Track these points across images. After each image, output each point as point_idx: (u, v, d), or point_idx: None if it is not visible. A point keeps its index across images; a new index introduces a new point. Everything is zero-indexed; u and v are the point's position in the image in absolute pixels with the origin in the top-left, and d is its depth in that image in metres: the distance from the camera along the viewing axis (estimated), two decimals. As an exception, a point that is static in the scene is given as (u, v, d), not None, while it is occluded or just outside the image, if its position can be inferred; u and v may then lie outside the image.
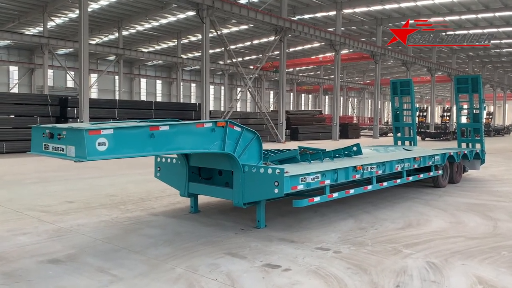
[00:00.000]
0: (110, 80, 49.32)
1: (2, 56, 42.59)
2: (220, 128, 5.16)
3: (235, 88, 60.39)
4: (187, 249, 4.71)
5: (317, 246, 4.88)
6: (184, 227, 5.68)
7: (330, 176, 5.91)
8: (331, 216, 6.44)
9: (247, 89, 26.65)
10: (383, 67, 53.86)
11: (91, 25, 36.44)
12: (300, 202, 5.46)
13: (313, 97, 75.40)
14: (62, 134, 4.21)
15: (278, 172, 5.08)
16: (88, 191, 8.40)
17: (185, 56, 46.55)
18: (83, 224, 5.74)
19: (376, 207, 7.13)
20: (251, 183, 5.34)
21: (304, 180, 5.47)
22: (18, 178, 9.90)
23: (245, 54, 49.50)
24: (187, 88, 57.43)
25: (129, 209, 6.78)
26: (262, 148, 5.77)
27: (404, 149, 10.43)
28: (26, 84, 44.28)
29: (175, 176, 6.29)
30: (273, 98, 65.44)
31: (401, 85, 11.91)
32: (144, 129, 4.45)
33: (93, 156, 4.04)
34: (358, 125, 42.23)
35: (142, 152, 4.44)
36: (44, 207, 6.81)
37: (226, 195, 5.71)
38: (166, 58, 41.30)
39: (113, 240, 5.01)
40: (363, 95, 72.17)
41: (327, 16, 35.62)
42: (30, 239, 5.05)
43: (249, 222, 5.89)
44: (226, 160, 5.51)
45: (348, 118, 55.32)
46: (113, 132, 4.20)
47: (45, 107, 18.08)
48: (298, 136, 30.24)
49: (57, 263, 4.21)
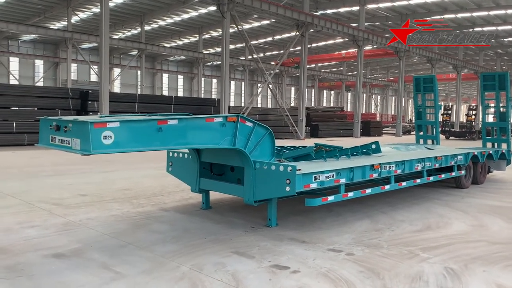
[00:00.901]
0: (133, 75, 49.77)
1: (28, 50, 43.40)
2: (231, 123, 5.01)
3: (256, 84, 60.17)
4: (195, 247, 4.58)
5: (329, 247, 4.69)
6: (193, 223, 5.56)
7: (345, 175, 5.70)
8: (346, 216, 6.22)
9: (267, 84, 26.44)
10: (408, 64, 52.85)
11: (114, 19, 36.88)
12: (313, 201, 5.27)
13: (335, 93, 74.61)
14: (68, 126, 4.13)
15: (290, 169, 4.90)
16: (102, 184, 8.38)
17: (206, 51, 46.59)
18: (93, 218, 5.69)
19: (393, 208, 6.88)
20: (262, 180, 5.17)
21: (318, 178, 5.28)
22: (36, 170, 9.98)
23: (266, 49, 49.24)
24: (208, 83, 57.54)
25: (141, 203, 6.71)
26: (274, 144, 5.60)
27: (426, 147, 10.09)
28: (51, 77, 45.06)
29: (186, 172, 6.17)
30: (294, 95, 64.99)
31: (424, 82, 11.52)
32: (152, 122, 4.33)
33: (98, 149, 3.94)
34: (381, 123, 41.48)
35: (150, 147, 4.32)
36: (57, 199, 6.80)
37: (237, 192, 5.56)
38: (188, 53, 41.39)
39: (120, 235, 4.93)
40: (386, 92, 70.96)
41: (350, 11, 35.05)
42: (37, 232, 5.02)
43: (260, 220, 5.73)
44: (237, 156, 5.36)
45: (371, 115, 54.51)
46: (119, 125, 4.09)
47: (66, 100, 18.29)
48: (318, 133, 29.89)
49: (61, 258, 4.14)
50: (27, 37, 41.58)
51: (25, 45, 43.41)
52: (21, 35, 40.47)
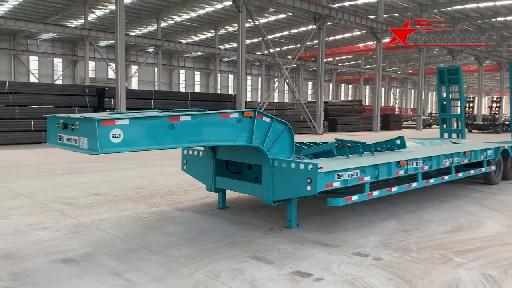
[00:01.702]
0: (150, 72, 49.92)
1: (47, 49, 43.85)
2: (248, 119, 4.72)
3: (273, 78, 59.72)
4: (210, 251, 4.31)
5: (354, 251, 4.36)
6: (209, 224, 5.30)
7: (370, 172, 5.35)
8: (370, 215, 5.88)
9: (283, 79, 26.05)
10: (428, 56, 51.67)
11: (130, 16, 36.93)
12: (336, 201, 4.95)
13: (353, 87, 73.64)
14: (75, 124, 3.90)
15: (311, 167, 4.58)
16: (117, 183, 8.20)
17: (223, 47, 46.35)
18: (105, 219, 5.47)
19: (421, 206, 6.49)
20: (281, 179, 4.87)
21: (341, 177, 4.95)
22: (51, 169, 9.87)
23: (282, 44, 48.75)
24: (224, 79, 57.37)
25: (156, 203, 6.48)
26: (294, 141, 5.29)
27: (451, 142, 9.63)
28: (70, 75, 45.50)
29: (201, 170, 5.91)
30: (311, 89, 64.34)
31: (449, 73, 11.02)
32: (163, 119, 4.07)
33: (106, 148, 3.70)
34: (400, 116, 40.66)
35: (161, 145, 4.06)
36: (70, 199, 6.62)
37: (254, 191, 5.26)
38: (204, 49, 41.17)
39: (133, 238, 4.69)
40: (405, 85, 69.64)
41: (368, 3, 34.34)
42: (48, 234, 4.82)
43: (280, 220, 5.44)
44: (254, 154, 5.06)
45: (390, 109, 53.59)
46: (129, 123, 3.84)
47: (83, 98, 18.27)
48: (337, 128, 29.42)
49: (69, 263, 3.92)
50: (46, 36, 41.98)
51: (44, 43, 43.87)
52: (40, 34, 40.90)
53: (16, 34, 39.56)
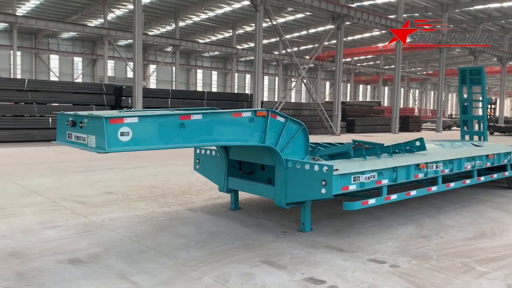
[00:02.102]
0: (168, 71, 50.18)
1: (67, 48, 44.48)
2: (260, 118, 4.57)
3: (290, 78, 59.46)
4: (220, 254, 4.18)
5: (370, 258, 4.18)
6: (221, 226, 5.17)
7: (388, 175, 5.15)
8: (388, 219, 5.67)
9: (300, 79, 25.83)
10: (448, 56, 50.72)
11: (149, 16, 37.20)
12: (352, 205, 4.76)
13: (371, 88, 72.87)
14: (84, 122, 3.81)
15: (326, 169, 4.41)
16: (130, 181, 8.15)
17: (240, 46, 46.32)
18: (116, 219, 5.40)
19: (440, 211, 6.26)
20: (295, 181, 4.71)
21: (357, 180, 4.76)
22: (65, 166, 9.89)
23: (300, 43, 48.47)
24: (241, 79, 57.37)
25: (168, 202, 6.39)
26: (308, 141, 5.12)
27: (473, 144, 9.30)
28: (89, 74, 46.06)
29: (214, 170, 5.79)
30: (329, 89, 63.86)
31: (471, 74, 10.67)
32: (174, 117, 3.95)
33: (114, 147, 3.60)
34: (420, 118, 39.98)
35: (171, 144, 3.95)
36: (82, 197, 6.58)
37: (267, 193, 5.12)
38: (221, 48, 41.21)
39: (142, 239, 4.59)
40: (425, 86, 68.54)
41: (388, 3, 33.87)
42: (57, 233, 4.76)
43: (293, 223, 5.28)
44: (267, 154, 4.92)
45: (409, 110, 52.74)
46: (138, 121, 3.73)
47: (101, 96, 18.39)
48: (354, 128, 29.05)
49: (76, 264, 3.83)
50: (66, 35, 42.57)
51: (65, 42, 44.50)
52: (60, 33, 41.48)
53: (37, 33, 40.23)
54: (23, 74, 39.42)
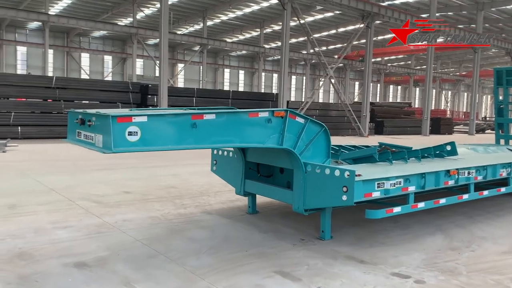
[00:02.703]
0: (196, 70, 50.44)
1: (98, 46, 45.32)
2: (278, 119, 4.32)
3: (318, 78, 58.77)
4: (233, 261, 3.95)
5: (393, 271, 3.86)
6: (236, 231, 4.95)
7: (415, 182, 4.81)
8: (415, 228, 5.32)
9: (328, 78, 25.37)
10: (483, 57, 48.98)
11: (177, 15, 37.41)
12: (375, 213, 4.45)
13: (402, 88, 71.35)
14: (92, 120, 3.65)
15: (347, 174, 4.12)
16: (149, 181, 8.04)
17: (268, 45, 46.08)
18: (129, 220, 5.25)
19: (472, 220, 5.85)
20: (314, 186, 4.44)
21: (382, 186, 4.45)
22: (88, 164, 9.88)
23: (329, 42, 47.84)
24: (268, 78, 57.13)
25: (184, 204, 6.21)
26: (330, 144, 4.83)
27: (508, 149, 8.76)
28: (119, 73, 46.76)
29: (230, 172, 5.58)
30: (358, 89, 62.83)
31: (507, 74, 10.07)
32: (185, 117, 3.75)
33: (120, 147, 3.42)
34: (452, 120, 38.76)
35: (181, 145, 3.74)
36: (99, 196, 6.49)
37: (285, 197, 4.86)
38: (249, 47, 41.10)
39: (153, 242, 4.41)
40: (458, 88, 66.61)
41: (420, 1, 32.93)
42: (68, 234, 4.64)
43: (313, 230, 5.00)
44: (285, 157, 4.66)
45: (441, 112, 51.32)
46: (147, 120, 3.55)
47: (127, 94, 18.51)
48: (383, 130, 28.36)
49: (82, 268, 3.68)
50: (97, 34, 43.34)
51: (95, 41, 45.36)
52: (91, 32, 42.25)
53: (69, 32, 41.12)
54: (55, 72, 40.36)
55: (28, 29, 40.33)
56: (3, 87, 15.99)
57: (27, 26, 39.87)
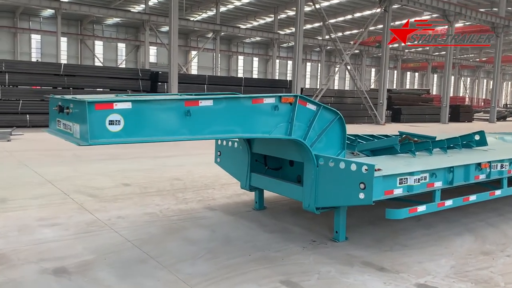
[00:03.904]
0: (210, 57, 49.78)
1: (112, 34, 44.96)
2: (286, 106, 3.79)
3: (334, 65, 57.62)
4: (232, 269, 3.47)
5: (418, 281, 3.34)
6: (239, 230, 4.46)
7: (442, 177, 4.25)
8: (439, 228, 4.76)
9: (343, 64, 24.58)
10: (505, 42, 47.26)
11: (190, 1, 36.75)
12: (397, 213, 3.91)
13: (419, 75, 69.67)
14: (70, 107, 3.18)
15: (365, 169, 3.59)
16: (153, 172, 7.60)
17: (282, 32, 45.16)
18: (124, 217, 4.81)
19: (504, 218, 5.26)
20: (327, 181, 3.91)
21: (404, 182, 3.90)
22: (92, 154, 9.48)
23: (345, 28, 46.66)
24: (283, 65, 56.21)
25: (186, 198, 5.75)
26: (345, 134, 4.29)
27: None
28: (132, 60, 46.42)
29: (235, 164, 5.08)
30: (375, 76, 61.52)
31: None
32: (177, 103, 3.25)
33: (99, 138, 2.94)
34: (471, 107, 37.56)
35: (173, 136, 3.25)
36: (96, 189, 6.07)
37: (295, 194, 4.34)
38: (263, 34, 40.26)
39: (145, 244, 3.96)
40: (478, 74, 64.69)
41: (440, -16, 31.60)
42: (54, 233, 4.21)
43: (326, 230, 4.49)
44: (295, 149, 4.14)
45: (460, 99, 49.90)
46: (131, 107, 3.05)
47: (136, 82, 18.10)
48: (401, 118, 27.51)
49: (60, 276, 3.24)
50: (110, 21, 42.94)
51: (109, 29, 44.99)
52: (104, 19, 41.87)
53: (83, 19, 40.82)
54: (69, 60, 40.23)
55: (42, 17, 40.15)
56: (12, 74, 15.70)
57: (40, 14, 39.68)
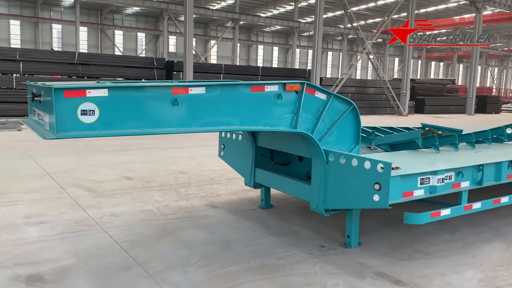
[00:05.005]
0: (229, 47, 49.27)
1: (131, 23, 44.89)
2: (292, 94, 3.34)
3: (355, 54, 56.39)
4: (226, 279, 3.06)
5: (440, 300, 2.87)
6: (241, 232, 4.05)
7: (470, 176, 3.74)
8: (466, 233, 4.25)
9: (365, 53, 23.80)
10: (536, 30, 45.37)
11: (208, -11, 36.25)
12: (417, 217, 3.42)
13: (444, 65, 67.71)
14: (42, 95, 2.79)
15: (381, 167, 3.12)
16: (159, 164, 7.25)
17: (303, 20, 44.28)
18: (118, 214, 4.46)
19: (539, 222, 4.71)
20: (338, 180, 3.46)
21: (426, 182, 3.41)
22: (102, 144, 9.16)
23: (367, 16, 45.42)
24: (304, 55, 55.25)
25: (189, 194, 5.37)
26: (360, 126, 3.81)
27: None
28: (152, 50, 46.31)
29: (239, 158, 4.67)
30: (398, 66, 60.03)
31: None
32: (162, 91, 2.84)
33: (69, 131, 2.55)
34: (499, 98, 36.17)
35: (158, 128, 2.83)
36: (95, 183, 5.74)
37: (302, 193, 3.89)
38: (282, 22, 39.50)
39: (134, 247, 3.59)
40: (506, 64, 62.48)
41: (468, -31, 30.29)
42: (39, 232, 3.88)
43: (337, 233, 4.04)
44: (302, 143, 3.69)
45: (487, 89, 48.31)
46: (108, 95, 2.65)
47: (151, 71, 17.83)
48: (424, 109, 26.61)
49: (32, 285, 2.89)
50: (130, 11, 42.84)
51: (129, 18, 44.90)
52: (124, 9, 41.78)
53: (103, 9, 40.81)
54: (89, 49, 40.38)
55: (62, 6, 40.32)
56: (26, 63, 15.59)
57: (61, 4, 39.84)
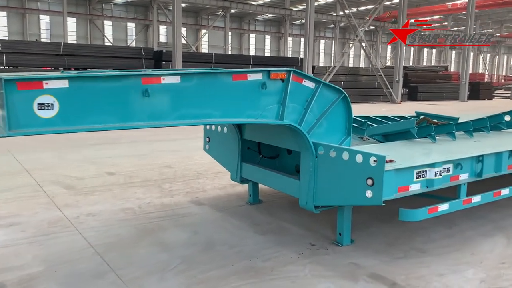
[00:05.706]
0: (221, 36, 48.69)
1: (121, 13, 44.14)
2: (277, 83, 3.06)
3: (348, 42, 56.00)
4: (207, 285, 2.81)
5: (440, 305, 2.64)
6: (226, 231, 3.79)
7: (469, 168, 3.50)
8: (464, 227, 4.03)
9: (357, 40, 23.50)
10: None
11: (198, -23, 35.58)
12: (412, 214, 3.19)
13: (437, 52, 67.48)
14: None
15: (374, 160, 2.87)
16: (145, 158, 6.97)
17: (295, 8, 43.76)
18: (96, 214, 4.19)
19: (540, 213, 4.50)
20: (328, 175, 3.21)
21: (423, 175, 3.17)
22: (86, 138, 8.79)
23: (359, 3, 45.01)
24: (296, 43, 54.79)
25: (173, 190, 5.10)
26: (351, 116, 3.55)
27: None
28: (142, 40, 45.61)
29: (225, 152, 4.39)
30: (391, 53, 59.73)
31: None
32: (132, 80, 2.55)
33: (24, 128, 2.27)
34: (491, 84, 36.07)
35: (127, 122, 2.55)
36: (75, 180, 5.46)
37: (290, 188, 3.63)
38: (274, 10, 39.00)
39: (110, 251, 3.32)
40: (498, 50, 62.38)
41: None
42: (8, 236, 3.61)
43: (328, 229, 3.80)
44: (290, 135, 3.43)
45: (479, 76, 48.18)
46: (68, 86, 2.37)
47: (139, 61, 17.48)
48: (417, 96, 26.44)
49: (-8, 297, 2.63)
50: (120, 0, 42.11)
51: (118, 8, 44.11)
52: (112, -2, 41.07)
53: (91, -2, 40.06)
54: (79, 40, 39.66)
55: (49, -3, 39.51)
56: (10, 55, 15.16)
57: (48, -6, 39.05)
